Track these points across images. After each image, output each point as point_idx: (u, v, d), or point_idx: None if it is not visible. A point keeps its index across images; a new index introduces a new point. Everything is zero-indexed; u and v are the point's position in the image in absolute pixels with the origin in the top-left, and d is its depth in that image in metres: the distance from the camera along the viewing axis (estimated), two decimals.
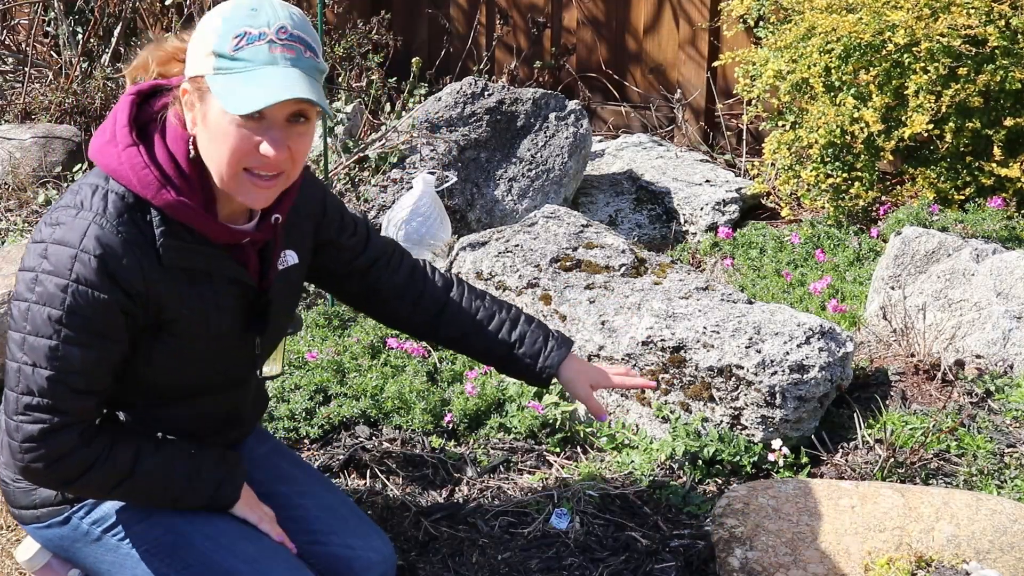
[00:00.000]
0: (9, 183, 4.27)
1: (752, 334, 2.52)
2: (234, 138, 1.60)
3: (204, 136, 1.64)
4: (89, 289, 1.61)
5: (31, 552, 1.92)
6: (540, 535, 2.30)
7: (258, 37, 1.59)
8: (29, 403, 1.64)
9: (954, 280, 2.90)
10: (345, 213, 2.05)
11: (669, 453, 2.48)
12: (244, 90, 1.57)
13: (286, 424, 2.65)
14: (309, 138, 1.67)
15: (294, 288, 1.95)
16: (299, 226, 1.92)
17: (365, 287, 2.10)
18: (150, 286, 1.65)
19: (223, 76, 1.59)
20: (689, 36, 4.88)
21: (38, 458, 1.67)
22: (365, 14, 5.36)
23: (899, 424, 2.54)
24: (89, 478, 1.71)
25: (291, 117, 1.62)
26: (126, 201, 1.65)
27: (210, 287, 1.74)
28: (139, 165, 1.65)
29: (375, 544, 1.96)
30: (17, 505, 1.88)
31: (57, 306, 1.61)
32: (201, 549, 1.80)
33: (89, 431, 1.70)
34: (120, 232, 1.63)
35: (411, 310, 2.12)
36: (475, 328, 2.12)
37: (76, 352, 1.62)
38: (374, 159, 3.97)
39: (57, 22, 5.14)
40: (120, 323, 1.65)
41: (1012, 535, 2.00)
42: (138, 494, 1.79)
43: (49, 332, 1.61)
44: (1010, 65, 3.52)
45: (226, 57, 1.59)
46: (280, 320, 1.92)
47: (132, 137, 1.67)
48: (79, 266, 1.60)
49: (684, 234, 4.13)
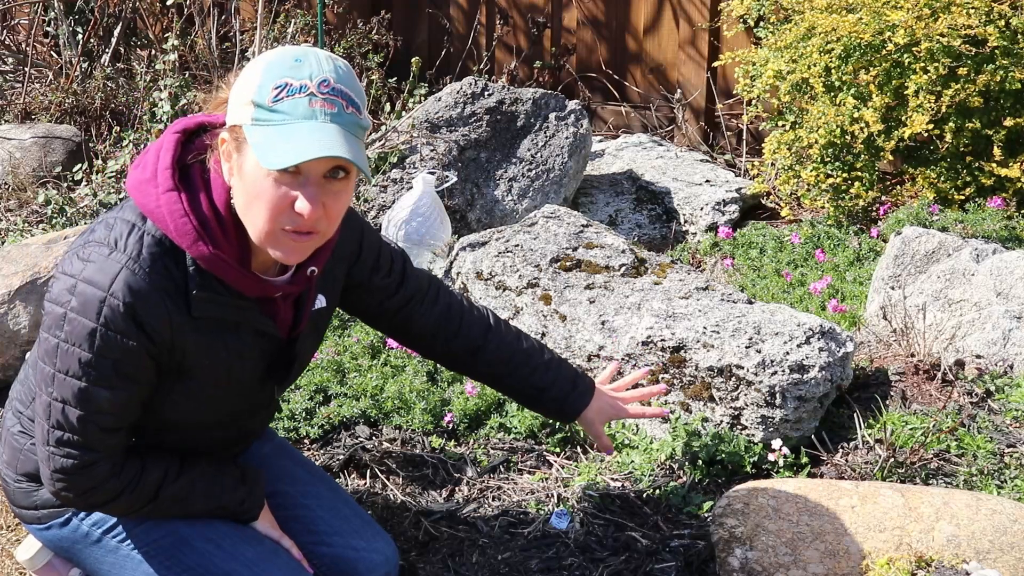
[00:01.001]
0: (9, 183, 4.27)
1: (752, 334, 2.52)
2: (269, 193, 1.55)
3: (240, 188, 1.60)
4: (117, 335, 1.59)
5: (32, 551, 1.92)
6: (540, 535, 2.30)
7: (299, 90, 1.54)
8: (60, 438, 1.65)
9: (954, 280, 2.90)
10: (382, 253, 2.01)
11: (669, 453, 2.48)
12: (280, 144, 1.52)
13: (286, 424, 2.65)
14: (347, 196, 1.62)
15: (320, 331, 1.93)
16: (333, 271, 1.89)
17: (395, 325, 2.10)
18: (176, 334, 1.64)
19: (261, 128, 1.54)
20: (689, 36, 4.88)
21: (69, 488, 1.69)
22: (365, 14, 5.36)
23: (899, 424, 2.54)
24: (116, 504, 1.74)
25: (329, 173, 1.57)
26: (163, 246, 1.62)
27: (236, 337, 1.72)
28: (178, 213, 1.60)
29: (378, 545, 1.96)
30: (18, 505, 1.88)
31: (87, 349, 1.59)
32: (201, 551, 1.81)
33: (118, 464, 1.71)
34: (151, 280, 1.60)
35: (445, 348, 2.14)
36: (508, 371, 2.16)
37: (106, 394, 1.62)
38: (374, 159, 3.97)
39: (57, 22, 5.14)
40: (148, 365, 1.65)
41: (1012, 535, 2.00)
42: (159, 513, 1.81)
43: (79, 374, 1.61)
44: (1010, 65, 3.52)
45: (265, 108, 1.54)
46: (301, 366, 1.92)
47: (174, 181, 1.62)
48: (108, 311, 1.58)
49: (684, 234, 4.13)
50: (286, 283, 1.73)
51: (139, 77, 4.67)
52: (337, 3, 5.35)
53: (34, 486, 1.84)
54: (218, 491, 1.82)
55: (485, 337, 2.13)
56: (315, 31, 5.04)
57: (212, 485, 1.82)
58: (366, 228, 1.98)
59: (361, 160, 1.56)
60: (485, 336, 2.13)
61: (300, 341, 1.83)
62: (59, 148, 4.44)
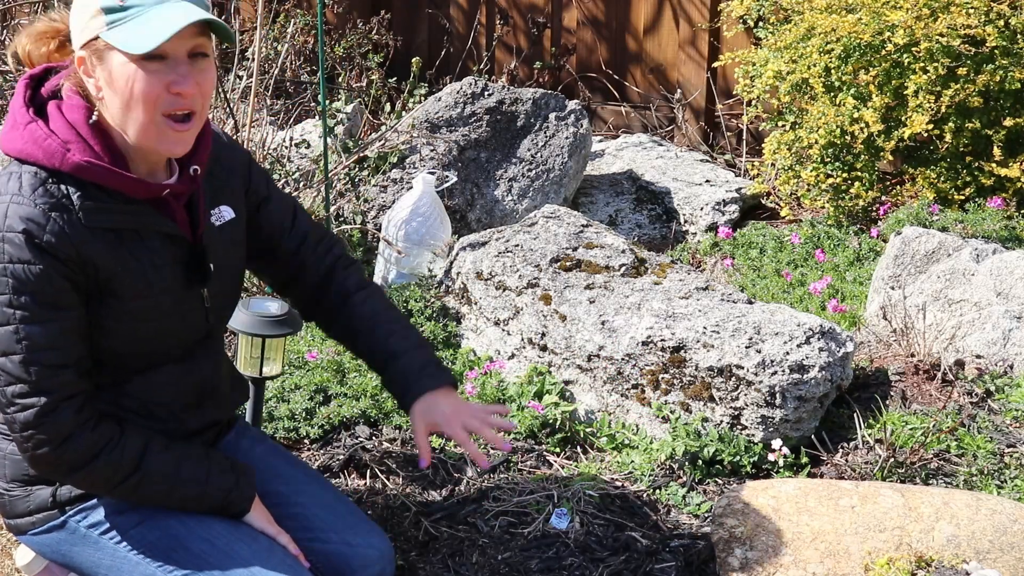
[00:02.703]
0: None
1: (752, 334, 2.52)
2: (144, 83, 1.63)
3: (111, 95, 1.67)
4: (24, 265, 1.64)
5: (30, 556, 1.92)
6: (540, 535, 2.30)
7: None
8: (14, 392, 1.67)
9: (954, 280, 2.90)
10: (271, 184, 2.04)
11: (669, 453, 2.48)
12: (143, 30, 1.61)
13: (286, 424, 2.65)
14: (212, 74, 1.71)
15: (236, 245, 1.94)
16: (229, 184, 1.93)
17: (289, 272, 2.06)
18: (80, 249, 1.67)
19: (118, 27, 1.63)
20: (689, 36, 4.88)
21: (41, 443, 1.68)
22: (365, 14, 5.36)
23: (899, 424, 2.54)
24: (96, 466, 1.72)
25: (191, 53, 1.66)
26: (39, 177, 1.68)
27: (141, 244, 1.75)
28: (40, 137, 1.68)
29: (373, 541, 1.96)
30: (13, 514, 1.87)
31: (3, 291, 1.64)
32: (197, 552, 1.80)
33: (86, 409, 1.71)
34: (37, 204, 1.65)
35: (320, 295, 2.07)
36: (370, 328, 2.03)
37: (37, 330, 1.65)
38: (374, 159, 3.97)
39: None
40: (66, 288, 1.67)
41: (1012, 535, 2.00)
42: (144, 492, 1.79)
43: (6, 318, 1.65)
44: (1010, 65, 3.52)
45: (116, 10, 1.63)
46: (226, 279, 1.92)
47: (30, 115, 1.71)
48: (7, 246, 1.64)
49: (684, 234, 4.13)
50: (173, 182, 1.78)
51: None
52: (337, 3, 5.35)
53: (26, 490, 1.83)
54: (204, 475, 1.81)
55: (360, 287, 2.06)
56: (315, 31, 5.04)
57: (199, 468, 1.81)
58: (252, 159, 2.03)
59: (218, 21, 1.66)
60: (360, 286, 2.06)
61: (207, 240, 1.84)
62: None
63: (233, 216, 1.91)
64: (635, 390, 2.61)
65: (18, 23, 5.44)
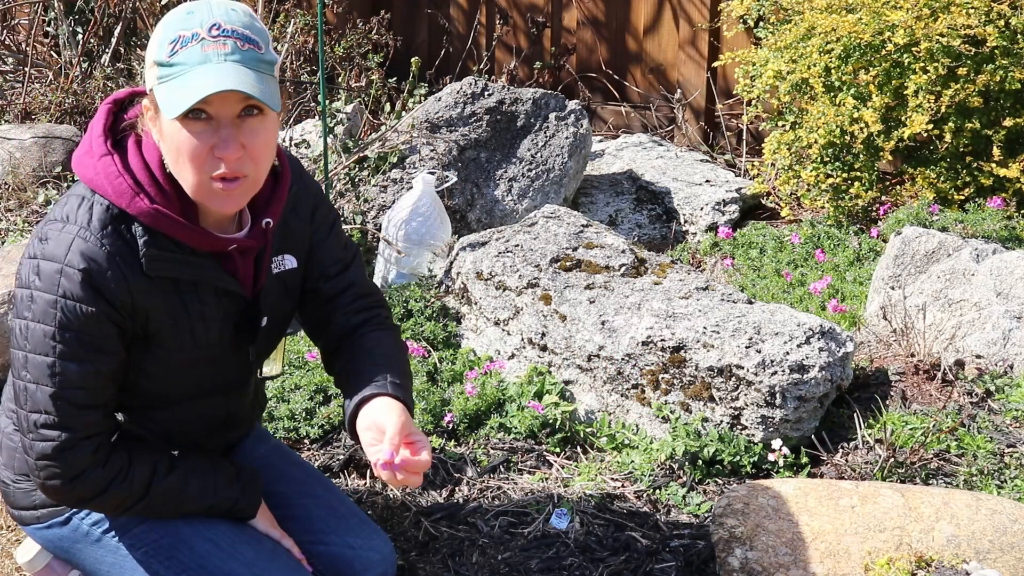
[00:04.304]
0: (9, 183, 4.27)
1: (752, 334, 2.52)
2: (187, 145, 1.57)
3: (164, 149, 1.62)
4: (77, 304, 1.60)
5: (31, 553, 1.92)
6: (540, 535, 2.30)
7: (191, 38, 1.55)
8: (37, 420, 1.65)
9: (954, 280, 2.90)
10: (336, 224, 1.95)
11: (669, 453, 2.48)
12: (178, 92, 1.54)
13: (286, 424, 2.65)
14: (267, 134, 1.61)
15: (291, 293, 1.90)
16: (298, 232, 1.87)
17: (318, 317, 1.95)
18: (136, 297, 1.64)
19: (164, 84, 1.56)
20: (689, 36, 4.88)
21: (54, 475, 1.68)
22: (365, 14, 5.36)
23: (899, 424, 2.54)
24: (104, 499, 1.72)
25: (242, 112, 1.58)
26: (110, 213, 1.63)
27: (196, 298, 1.71)
28: (113, 174, 1.63)
29: (375, 543, 1.96)
30: (17, 506, 1.88)
31: (50, 323, 1.61)
32: (200, 552, 1.81)
33: (103, 448, 1.70)
34: (104, 245, 1.61)
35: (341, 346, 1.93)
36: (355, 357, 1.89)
37: (73, 367, 1.63)
38: (374, 159, 3.97)
39: (57, 22, 5.14)
40: (112, 334, 1.65)
41: (1012, 535, 2.00)
42: (153, 512, 1.80)
43: (46, 350, 1.62)
44: (1010, 65, 3.52)
45: (164, 65, 1.56)
46: (275, 327, 1.89)
47: (106, 147, 1.65)
48: (65, 281, 1.60)
49: (684, 234, 4.12)
50: (243, 237, 1.73)
51: (139, 77, 4.67)
52: (337, 3, 5.35)
53: (33, 484, 1.84)
54: (212, 488, 1.81)
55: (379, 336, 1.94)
56: (315, 31, 5.04)
57: (206, 482, 1.81)
58: (322, 196, 1.95)
59: (260, 90, 1.55)
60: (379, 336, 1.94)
61: (264, 298, 1.79)
62: (59, 148, 4.44)
63: (295, 266, 1.86)
64: (635, 390, 2.61)
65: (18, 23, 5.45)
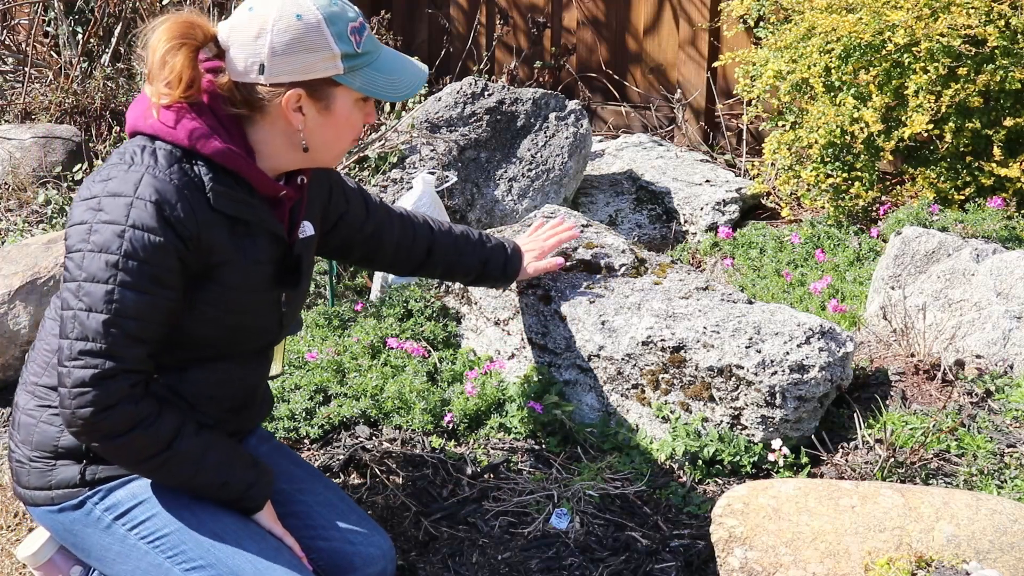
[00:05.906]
0: (9, 183, 4.27)
1: (752, 334, 2.52)
2: (357, 120, 1.84)
3: (323, 128, 1.81)
4: (145, 233, 1.66)
5: (35, 547, 1.92)
6: (540, 535, 2.30)
7: (361, 28, 1.80)
8: (83, 348, 1.66)
9: (954, 280, 2.90)
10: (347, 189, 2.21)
11: (669, 453, 2.48)
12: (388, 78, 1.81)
13: (286, 424, 2.65)
14: None
15: (311, 258, 2.04)
16: (314, 201, 2.04)
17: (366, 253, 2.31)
18: (203, 230, 1.72)
19: (358, 72, 1.79)
20: (689, 36, 4.88)
21: (87, 403, 1.66)
22: (365, 14, 5.36)
23: (899, 424, 2.54)
24: (130, 438, 1.71)
25: None
26: (175, 155, 1.73)
27: (251, 240, 1.81)
28: (189, 117, 1.74)
29: (375, 539, 1.98)
30: (31, 486, 1.87)
31: (114, 251, 1.65)
32: (206, 545, 1.82)
33: (139, 387, 1.71)
34: (172, 180, 1.70)
35: (406, 257, 2.37)
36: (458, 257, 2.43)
37: (131, 296, 1.66)
38: (374, 159, 3.97)
39: (57, 22, 5.14)
40: (175, 268, 1.70)
41: (1012, 535, 2.00)
42: (170, 471, 1.79)
43: (105, 277, 1.65)
44: (1010, 65, 3.52)
45: (353, 56, 1.77)
46: (304, 284, 2.00)
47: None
48: (135, 212, 1.66)
49: (684, 234, 4.13)
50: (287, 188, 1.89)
51: (139, 77, 4.67)
52: None
53: (50, 463, 1.84)
54: (229, 465, 1.83)
55: (432, 236, 2.39)
56: None
57: (225, 456, 1.83)
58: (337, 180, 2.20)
59: None
60: (432, 235, 2.39)
61: (298, 249, 1.94)
62: (59, 148, 4.44)
63: (312, 233, 2.01)
64: (635, 390, 2.61)
65: (18, 23, 5.44)
